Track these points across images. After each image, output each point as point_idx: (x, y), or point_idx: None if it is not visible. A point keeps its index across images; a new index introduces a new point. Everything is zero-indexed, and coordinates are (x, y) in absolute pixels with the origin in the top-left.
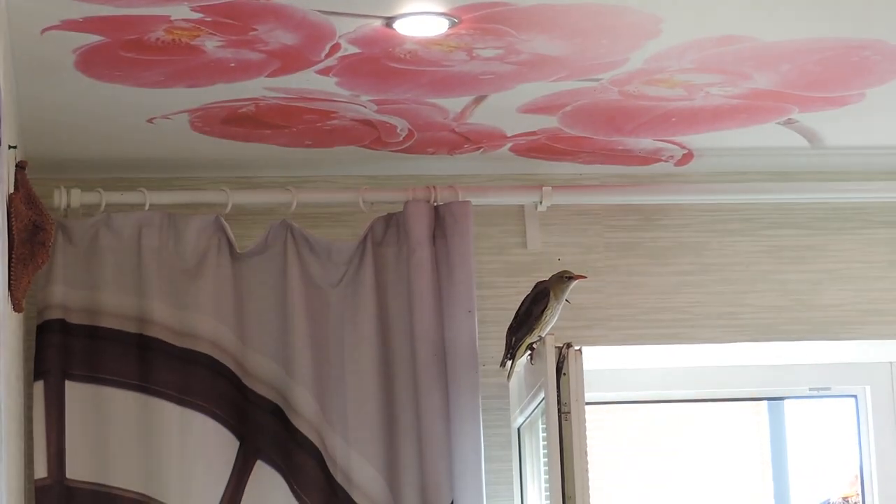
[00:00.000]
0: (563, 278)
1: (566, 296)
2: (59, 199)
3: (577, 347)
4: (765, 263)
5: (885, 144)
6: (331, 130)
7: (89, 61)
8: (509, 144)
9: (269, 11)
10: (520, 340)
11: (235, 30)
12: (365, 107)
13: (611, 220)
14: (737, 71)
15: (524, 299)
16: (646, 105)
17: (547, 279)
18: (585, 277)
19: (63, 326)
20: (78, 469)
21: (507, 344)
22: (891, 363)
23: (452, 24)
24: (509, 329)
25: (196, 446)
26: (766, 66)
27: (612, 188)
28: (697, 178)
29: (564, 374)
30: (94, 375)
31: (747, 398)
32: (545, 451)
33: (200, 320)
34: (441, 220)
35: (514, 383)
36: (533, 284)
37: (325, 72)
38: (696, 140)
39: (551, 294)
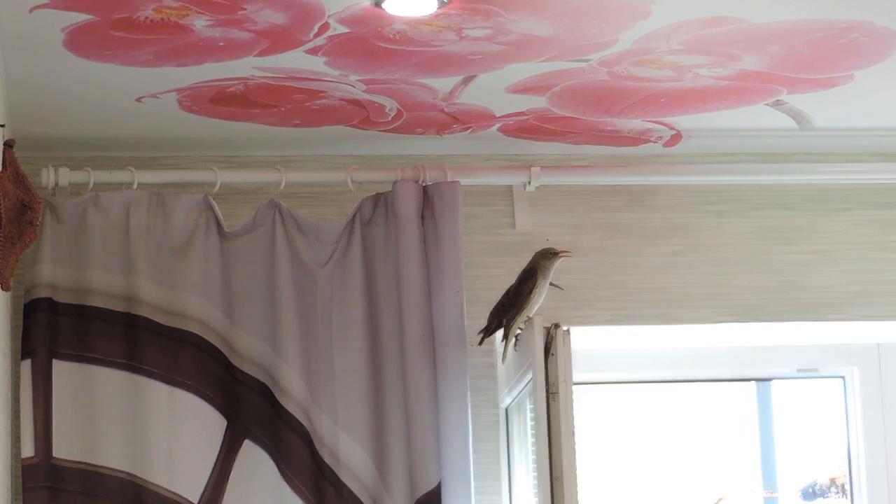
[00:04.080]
0: (549, 255)
1: (552, 272)
2: (47, 177)
3: (565, 328)
4: (753, 244)
5: (874, 126)
6: (319, 110)
7: (78, 40)
8: (498, 125)
9: None
10: (511, 321)
11: (224, 9)
12: (354, 86)
13: (599, 200)
14: (725, 52)
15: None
16: (635, 86)
17: (532, 259)
18: (570, 253)
19: (51, 305)
20: (65, 448)
21: (488, 323)
22: (878, 344)
23: (441, 5)
24: (496, 310)
25: (184, 426)
26: (755, 47)
27: (601, 169)
28: (686, 158)
29: (552, 354)
30: (82, 354)
31: (735, 379)
32: (533, 431)
33: (188, 299)
34: (430, 200)
35: (503, 364)
36: (521, 265)
37: (313, 51)
38: (685, 121)
39: (538, 273)
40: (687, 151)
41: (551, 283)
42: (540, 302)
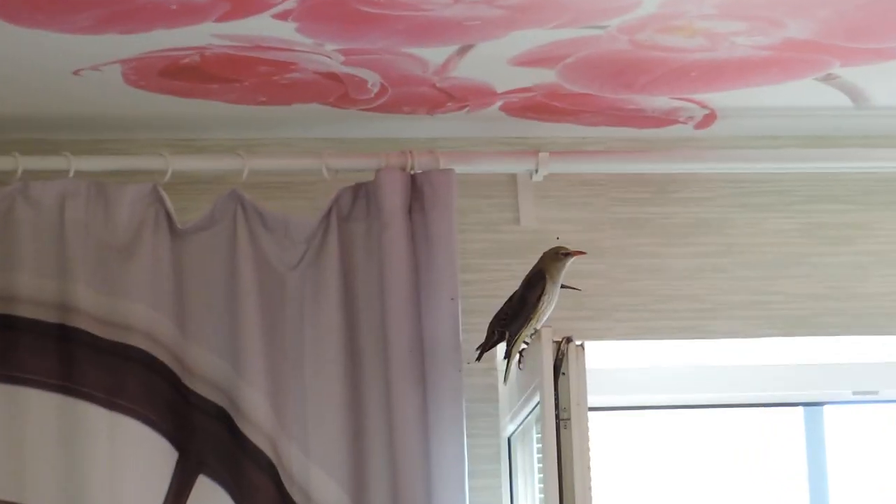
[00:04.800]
0: (559, 255)
1: (563, 276)
2: None
3: (578, 342)
4: (799, 244)
5: None
6: (289, 85)
7: (5, 3)
8: (500, 103)
9: None
10: (516, 334)
11: None
12: (330, 57)
13: (619, 192)
14: (767, 17)
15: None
16: (660, 57)
17: (540, 260)
18: (584, 254)
19: None
20: None
21: (488, 337)
22: None
23: None
24: (498, 320)
25: (127, 458)
26: (802, 11)
27: (621, 154)
28: (721, 142)
29: (563, 373)
30: (8, 374)
31: (779, 403)
32: (540, 464)
33: (133, 308)
34: (419, 191)
35: (503, 384)
36: (527, 267)
37: (282, 16)
38: (720, 98)
39: (547, 277)
40: (722, 134)
41: (563, 286)
42: (549, 311)
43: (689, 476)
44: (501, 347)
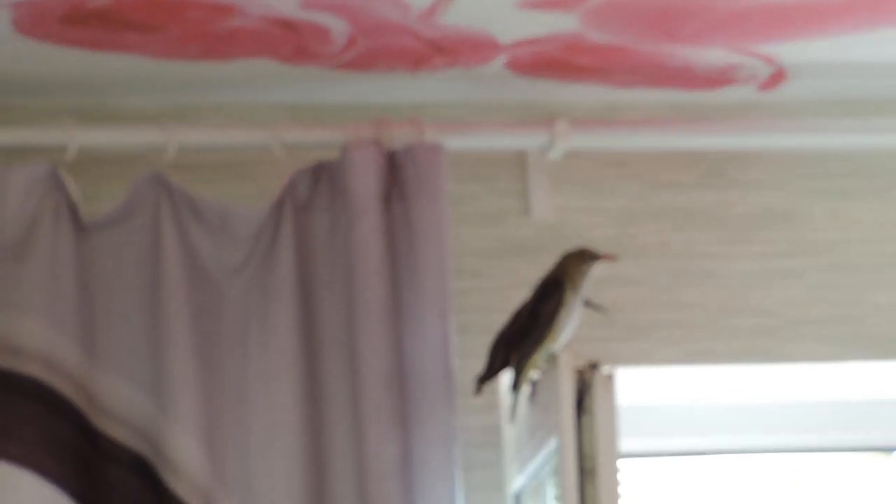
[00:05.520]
0: (584, 257)
1: (587, 285)
2: None
3: (607, 370)
4: None
5: None
6: (230, 36)
7: None
8: (503, 58)
9: None
10: (526, 359)
11: None
12: None
13: (660, 174)
14: None
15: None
16: None
17: (558, 263)
18: (615, 259)
19: None
20: None
21: (489, 362)
22: None
23: None
24: (503, 341)
25: None
26: None
27: (662, 125)
28: (793, 109)
29: (588, 411)
30: None
31: (870, 448)
32: None
33: (26, 326)
34: (399, 172)
35: (510, 423)
36: (539, 272)
37: None
38: (791, 52)
39: (566, 285)
40: (794, 98)
41: (586, 303)
42: (569, 330)
43: None
44: (507, 377)
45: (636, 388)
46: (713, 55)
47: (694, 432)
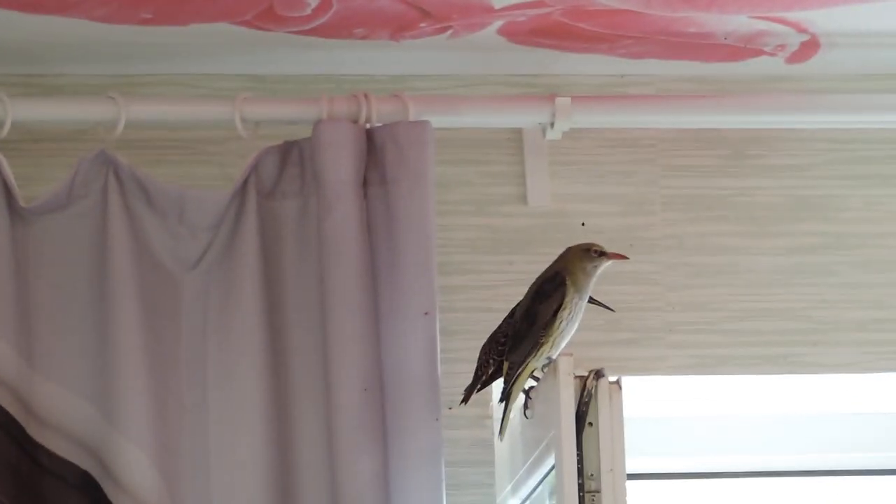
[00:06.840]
0: (590, 253)
1: (593, 283)
2: None
3: (613, 378)
4: None
5: None
6: None
7: None
8: (498, 23)
9: None
10: (519, 365)
11: None
12: None
13: (675, 156)
14: None
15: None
16: None
17: (560, 258)
18: (626, 258)
19: None
20: None
21: (479, 368)
22: None
23: None
24: (495, 345)
25: None
26: None
27: (678, 101)
28: (826, 84)
29: (591, 424)
30: None
31: None
32: None
33: None
34: (379, 153)
35: (506, 442)
36: (538, 268)
37: None
38: (824, 18)
39: (568, 282)
40: (827, 72)
41: (591, 301)
42: (571, 333)
43: None
44: (499, 385)
45: (645, 400)
46: (736, 22)
47: (710, 450)
